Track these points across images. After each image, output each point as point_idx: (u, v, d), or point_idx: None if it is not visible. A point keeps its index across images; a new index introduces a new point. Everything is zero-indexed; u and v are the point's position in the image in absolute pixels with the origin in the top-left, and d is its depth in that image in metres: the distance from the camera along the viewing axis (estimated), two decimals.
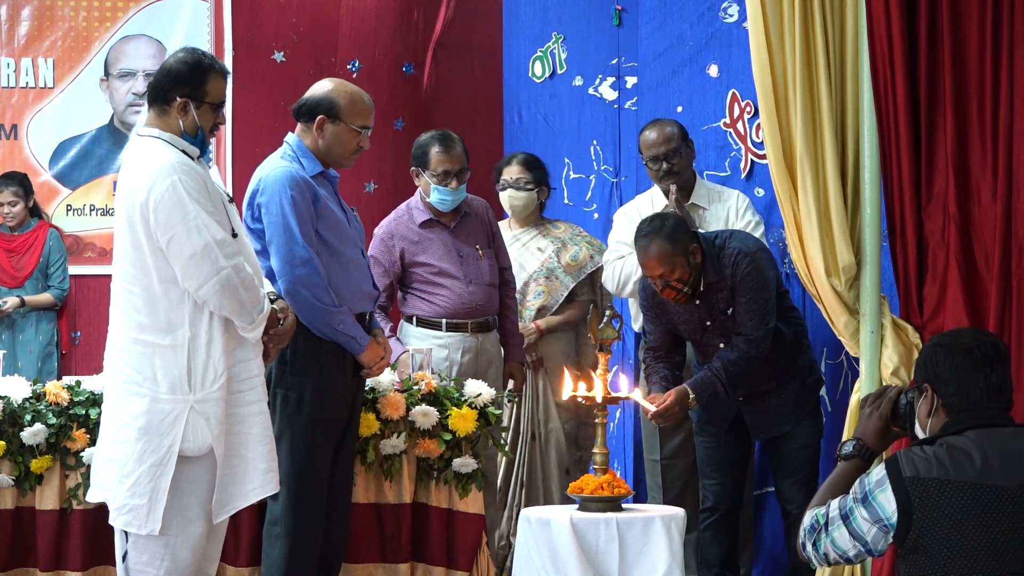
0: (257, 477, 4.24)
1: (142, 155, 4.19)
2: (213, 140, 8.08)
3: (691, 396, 5.06)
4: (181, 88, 4.21)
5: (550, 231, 6.17)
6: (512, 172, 6.11)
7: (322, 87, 4.80)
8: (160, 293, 4.13)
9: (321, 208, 4.69)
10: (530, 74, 7.09)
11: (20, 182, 7.69)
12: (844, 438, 4.49)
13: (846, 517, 3.26)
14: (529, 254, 6.11)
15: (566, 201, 6.85)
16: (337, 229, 4.73)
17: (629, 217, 5.77)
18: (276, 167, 4.69)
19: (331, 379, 4.72)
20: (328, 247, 4.70)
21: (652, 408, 5.04)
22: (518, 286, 5.95)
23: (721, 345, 5.16)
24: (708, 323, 5.17)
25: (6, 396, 4.97)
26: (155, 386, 4.12)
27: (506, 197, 6.13)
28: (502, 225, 6.07)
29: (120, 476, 4.14)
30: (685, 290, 5.05)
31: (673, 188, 5.58)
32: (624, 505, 4.72)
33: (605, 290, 6.05)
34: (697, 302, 5.14)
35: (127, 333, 4.18)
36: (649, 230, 5.03)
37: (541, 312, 6.03)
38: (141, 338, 4.14)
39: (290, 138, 4.78)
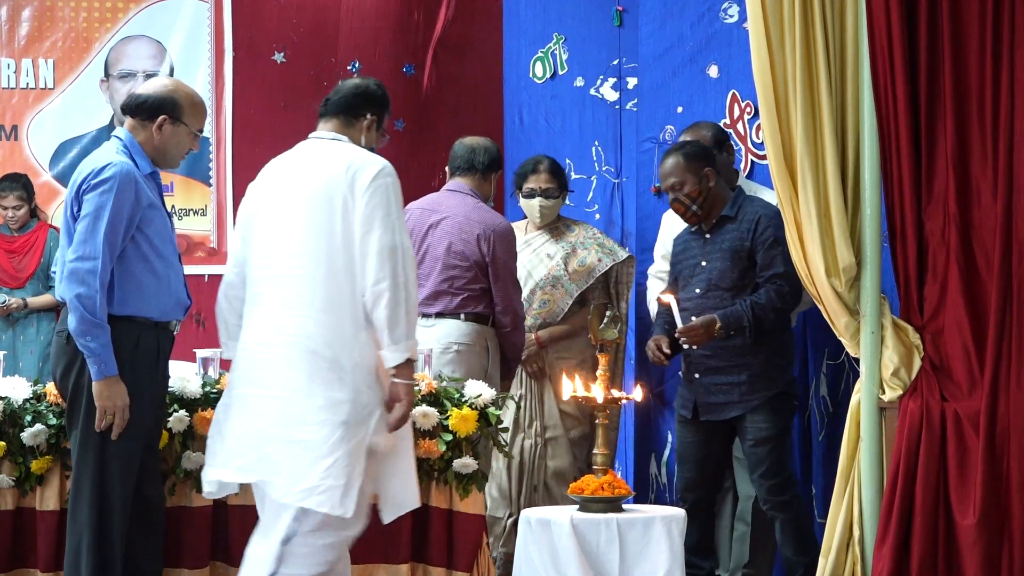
0: (412, 485, 4.36)
1: (347, 152, 4.32)
2: (214, 141, 8.14)
3: (718, 324, 5.10)
4: (372, 107, 4.45)
5: (564, 234, 6.16)
6: (540, 181, 6.10)
7: (163, 86, 4.67)
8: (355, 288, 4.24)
9: (151, 211, 4.57)
10: (531, 75, 7.09)
11: (24, 185, 7.70)
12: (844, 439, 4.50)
13: None
14: (538, 260, 6.12)
15: (568, 202, 6.85)
16: (164, 233, 4.62)
17: (665, 225, 5.94)
18: (115, 160, 4.48)
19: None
20: (155, 250, 4.57)
21: (680, 323, 5.16)
22: (525, 293, 5.96)
23: (697, 291, 5.22)
24: (703, 263, 5.22)
25: (7, 396, 4.96)
26: (356, 376, 4.21)
27: (535, 205, 6.13)
28: (517, 228, 6.07)
29: (314, 458, 4.15)
30: (694, 208, 5.26)
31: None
32: (625, 506, 4.72)
33: (622, 291, 6.08)
34: (707, 235, 5.25)
35: (328, 319, 4.22)
36: (673, 146, 5.46)
37: (544, 323, 6.04)
38: (344, 328, 4.22)
39: (121, 133, 4.62)
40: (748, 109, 6.10)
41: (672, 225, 5.82)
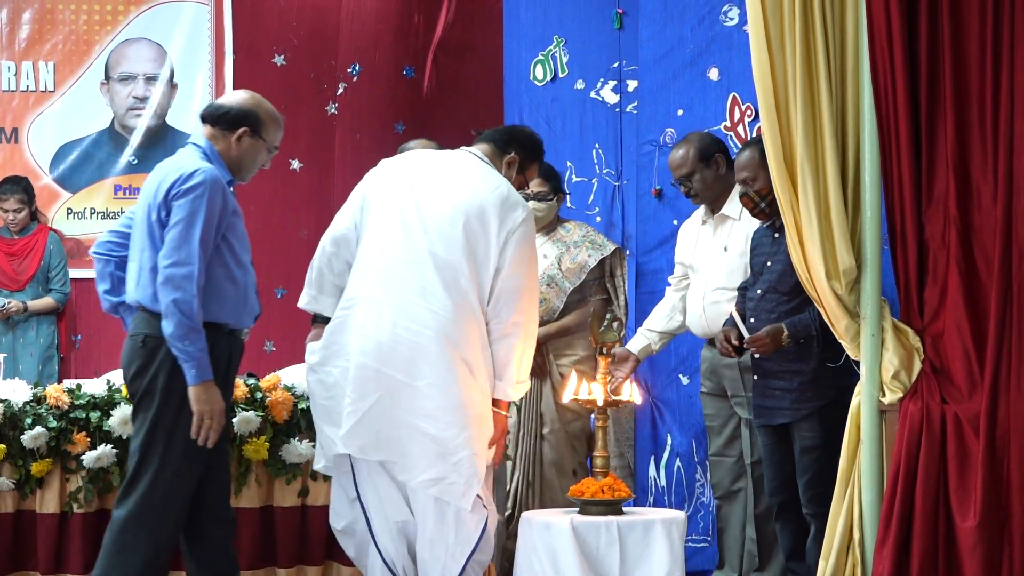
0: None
1: (503, 182, 4.77)
2: None
3: (785, 333, 5.03)
4: (520, 150, 4.91)
5: (559, 234, 6.16)
6: (533, 184, 6.09)
7: (246, 98, 4.70)
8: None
9: (234, 217, 4.60)
10: (531, 78, 7.09)
11: (24, 188, 7.71)
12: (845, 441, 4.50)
13: None
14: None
15: (568, 204, 6.85)
16: (243, 240, 4.66)
17: (682, 234, 5.91)
18: (203, 166, 4.52)
19: None
20: (235, 257, 4.60)
21: (746, 333, 5.09)
22: None
23: (758, 292, 5.14)
24: (768, 263, 5.16)
25: (7, 399, 4.97)
26: (485, 386, 4.62)
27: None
28: None
29: (441, 452, 4.53)
30: (762, 205, 5.18)
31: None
32: (625, 508, 4.72)
33: (618, 284, 6.08)
34: (775, 235, 5.17)
35: (465, 328, 4.59)
36: (752, 140, 5.39)
37: (542, 321, 6.04)
38: (473, 332, 4.59)
39: (200, 140, 4.66)
40: (748, 111, 6.10)
41: (688, 235, 5.81)
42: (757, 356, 5.09)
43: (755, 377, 5.16)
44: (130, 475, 4.43)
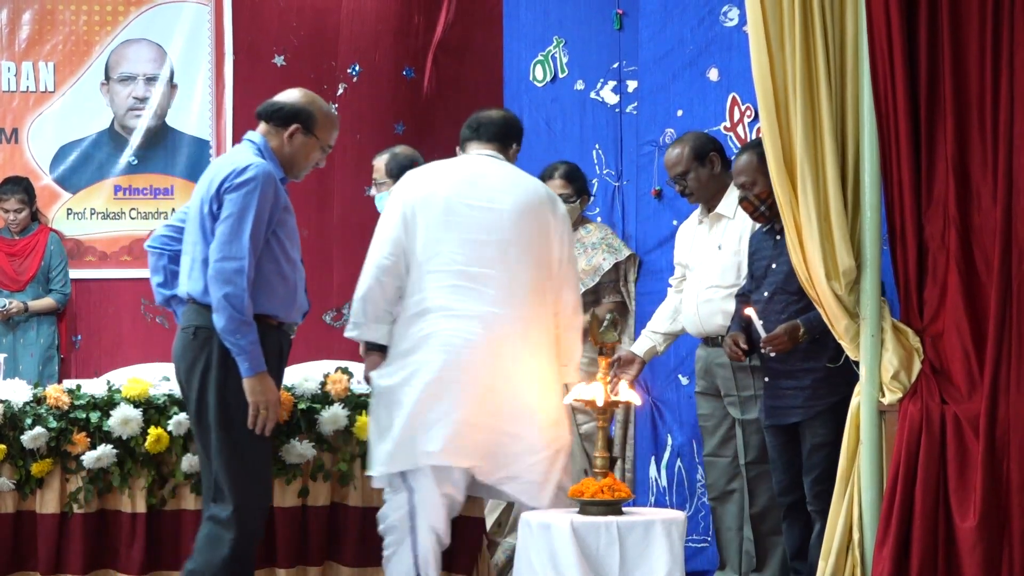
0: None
1: (534, 178, 5.07)
2: (213, 144, 8.14)
3: (802, 330, 5.02)
4: (518, 140, 5.12)
5: (579, 235, 6.17)
6: (555, 187, 6.06)
7: (299, 97, 4.72)
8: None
9: (286, 213, 4.62)
10: (531, 78, 7.09)
11: (25, 188, 7.71)
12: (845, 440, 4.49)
13: None
14: None
15: None
16: (294, 236, 4.67)
17: (679, 235, 5.91)
18: (256, 161, 4.54)
19: None
20: (285, 253, 4.61)
21: (762, 332, 5.06)
22: None
23: (765, 295, 5.13)
24: (773, 265, 5.15)
25: (7, 400, 4.97)
26: (556, 375, 4.88)
27: None
28: None
29: (521, 451, 4.77)
30: (762, 208, 5.18)
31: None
32: (624, 509, 4.72)
33: (630, 289, 6.09)
34: (778, 237, 5.15)
35: (541, 325, 4.86)
36: (749, 144, 5.42)
37: None
38: (546, 330, 4.87)
39: (255, 136, 4.66)
40: (748, 112, 6.10)
41: (685, 235, 5.82)
42: (772, 355, 5.09)
43: (766, 379, 5.16)
44: (219, 474, 4.46)
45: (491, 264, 4.77)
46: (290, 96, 4.70)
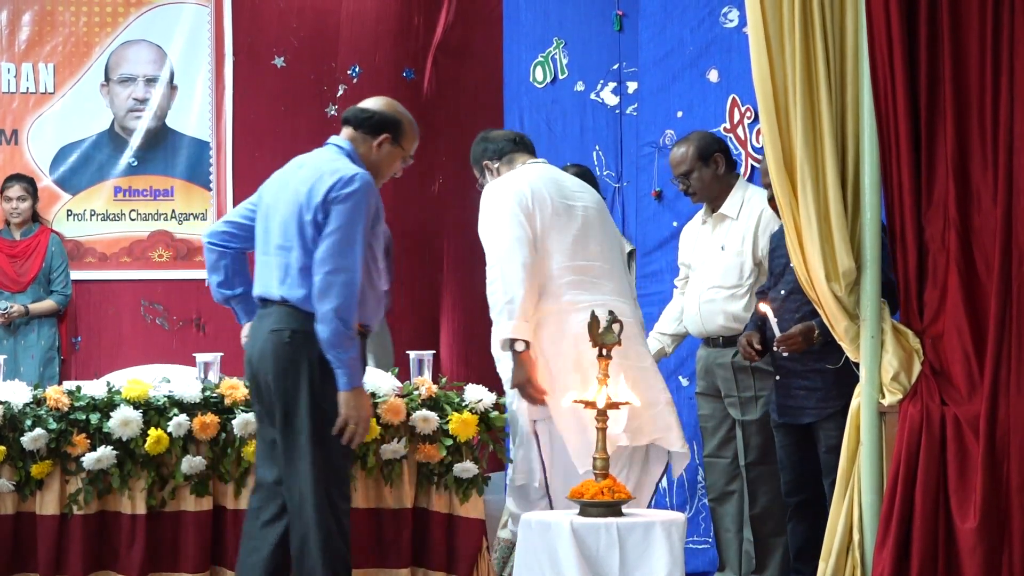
0: None
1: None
2: (214, 146, 8.14)
3: (816, 331, 5.00)
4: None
5: None
6: None
7: (389, 105, 4.69)
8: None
9: (379, 221, 4.56)
10: (531, 79, 7.10)
11: (29, 181, 7.72)
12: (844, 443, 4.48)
13: None
14: None
15: None
16: (380, 242, 4.62)
17: (683, 235, 5.94)
18: (360, 172, 4.48)
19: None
20: (375, 259, 4.54)
21: (777, 331, 5.06)
22: None
23: (782, 293, 5.12)
24: (791, 264, 5.14)
25: (7, 401, 4.97)
26: None
27: None
28: None
29: (671, 411, 5.17)
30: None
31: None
32: (624, 510, 4.71)
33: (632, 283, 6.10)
34: None
35: (636, 307, 5.40)
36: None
37: None
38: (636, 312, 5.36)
39: (342, 142, 4.59)
40: (748, 113, 6.10)
41: (689, 236, 5.82)
42: (785, 355, 5.08)
43: (777, 378, 5.17)
44: (300, 478, 4.35)
45: (598, 258, 5.16)
46: (380, 104, 4.66)
